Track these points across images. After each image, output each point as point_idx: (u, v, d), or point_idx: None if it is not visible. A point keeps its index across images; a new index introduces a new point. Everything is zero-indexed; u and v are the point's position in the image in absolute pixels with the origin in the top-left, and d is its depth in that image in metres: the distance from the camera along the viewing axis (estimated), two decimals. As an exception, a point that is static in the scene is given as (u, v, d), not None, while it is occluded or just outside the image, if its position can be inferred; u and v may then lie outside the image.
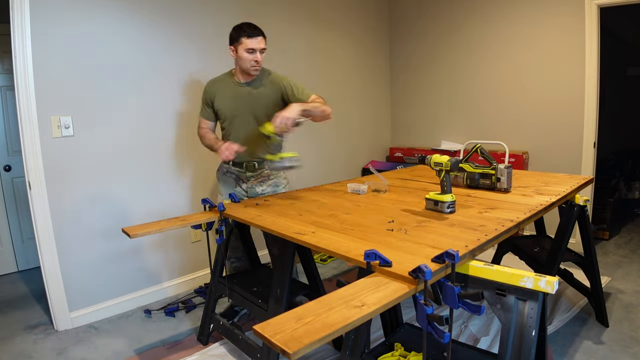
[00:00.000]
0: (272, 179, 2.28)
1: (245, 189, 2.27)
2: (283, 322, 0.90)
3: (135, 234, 1.66)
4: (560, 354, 1.98)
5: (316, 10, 3.58)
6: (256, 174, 2.25)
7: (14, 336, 2.33)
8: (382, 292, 1.02)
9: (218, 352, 2.12)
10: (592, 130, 3.18)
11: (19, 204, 3.36)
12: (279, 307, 1.68)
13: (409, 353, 1.52)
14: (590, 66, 3.11)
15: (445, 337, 1.02)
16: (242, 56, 2.09)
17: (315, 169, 3.65)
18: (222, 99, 2.21)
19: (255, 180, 2.26)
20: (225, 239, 2.04)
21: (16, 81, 2.15)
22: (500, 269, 1.17)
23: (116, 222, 2.52)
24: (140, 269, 2.69)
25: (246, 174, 2.25)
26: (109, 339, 2.28)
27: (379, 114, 4.35)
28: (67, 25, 2.28)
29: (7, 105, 3.30)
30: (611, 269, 2.97)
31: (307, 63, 3.56)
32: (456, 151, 3.78)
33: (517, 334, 1.17)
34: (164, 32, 2.65)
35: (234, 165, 2.26)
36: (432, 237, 1.36)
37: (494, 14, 3.58)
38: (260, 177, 2.27)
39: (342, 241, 1.37)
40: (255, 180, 2.26)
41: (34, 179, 2.23)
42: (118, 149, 2.53)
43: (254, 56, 2.08)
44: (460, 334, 2.17)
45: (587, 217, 2.19)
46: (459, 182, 2.15)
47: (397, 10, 4.27)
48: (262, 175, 2.27)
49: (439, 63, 4.01)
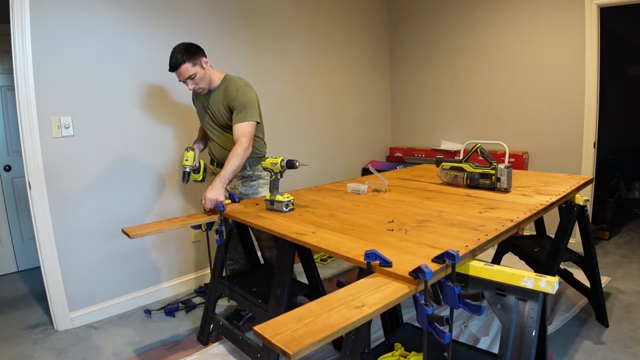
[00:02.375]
0: (254, 180, 2.29)
1: (228, 189, 2.25)
2: (283, 322, 0.90)
3: (136, 235, 1.66)
4: (560, 354, 1.98)
5: (316, 11, 3.58)
6: (239, 174, 2.25)
7: (14, 336, 2.32)
8: (383, 292, 1.02)
9: (218, 352, 2.12)
10: (592, 130, 3.18)
11: (19, 204, 3.36)
12: (279, 308, 1.68)
13: (409, 353, 1.52)
14: (590, 66, 3.11)
15: (445, 337, 1.02)
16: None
17: (315, 169, 3.65)
18: (197, 105, 2.35)
19: (238, 181, 2.27)
20: (225, 239, 2.04)
21: (16, 81, 2.15)
22: (500, 269, 1.17)
23: (116, 222, 2.52)
24: (140, 269, 2.69)
25: None
26: (109, 339, 2.28)
27: (379, 114, 4.35)
28: (67, 25, 2.28)
29: (7, 105, 3.29)
30: (611, 269, 2.97)
31: (307, 64, 3.56)
32: (456, 151, 3.78)
33: (517, 334, 1.17)
34: (164, 31, 2.65)
35: (218, 166, 2.30)
36: (432, 237, 1.36)
37: (493, 14, 3.58)
38: (243, 177, 2.27)
39: (342, 241, 1.37)
40: (237, 180, 2.27)
41: (34, 179, 2.23)
42: (118, 149, 2.53)
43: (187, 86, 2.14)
44: (460, 334, 2.17)
45: (587, 217, 2.19)
46: (459, 182, 2.15)
47: (397, 10, 4.27)
48: (244, 175, 2.27)
49: (439, 63, 4.01)
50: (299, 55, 3.48)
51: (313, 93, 3.64)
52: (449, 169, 2.21)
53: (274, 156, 1.85)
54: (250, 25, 3.12)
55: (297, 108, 3.51)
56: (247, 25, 3.10)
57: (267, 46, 3.24)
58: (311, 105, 3.63)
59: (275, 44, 3.31)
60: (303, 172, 3.57)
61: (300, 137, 3.57)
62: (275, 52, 3.31)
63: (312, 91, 3.63)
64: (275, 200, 1.80)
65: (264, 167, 1.87)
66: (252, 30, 3.14)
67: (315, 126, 3.70)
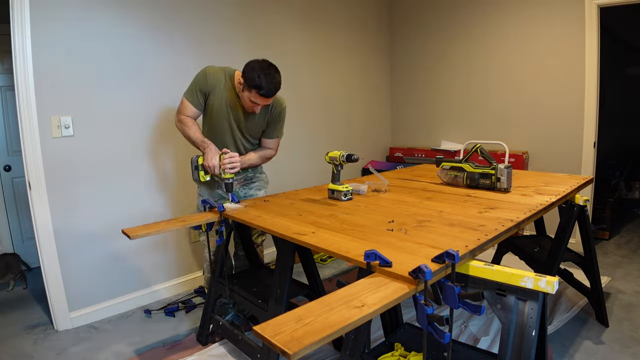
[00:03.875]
0: (255, 182, 2.29)
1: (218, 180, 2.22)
2: (283, 322, 0.90)
3: (135, 235, 1.66)
4: (560, 354, 1.98)
5: (316, 11, 3.58)
6: (239, 177, 2.24)
7: (14, 336, 2.32)
8: (383, 292, 1.02)
9: (218, 352, 2.12)
10: (592, 130, 3.18)
11: (19, 204, 3.36)
12: (279, 307, 1.68)
13: (409, 353, 1.52)
14: (590, 66, 3.11)
15: (445, 337, 1.02)
16: (245, 100, 2.02)
17: (315, 169, 3.65)
18: (217, 99, 2.10)
19: (238, 184, 2.27)
20: (225, 239, 2.04)
21: (16, 81, 2.15)
22: (500, 269, 1.17)
23: (116, 223, 2.51)
24: (140, 269, 2.69)
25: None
26: (109, 339, 2.28)
27: (379, 114, 4.35)
28: (67, 25, 2.28)
29: (7, 105, 3.29)
30: (611, 269, 2.97)
31: (308, 64, 3.56)
32: (456, 151, 3.78)
33: (517, 334, 1.17)
34: (164, 32, 2.65)
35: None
36: (432, 237, 1.36)
37: (493, 14, 3.58)
38: (243, 180, 2.27)
39: (342, 241, 1.37)
40: (237, 183, 2.27)
41: (34, 179, 2.23)
42: (118, 149, 2.53)
43: (254, 106, 2.03)
44: (460, 334, 2.17)
45: (587, 217, 2.19)
46: (459, 182, 2.15)
47: (397, 10, 4.27)
48: (245, 178, 2.27)
49: (439, 63, 4.01)
50: (299, 56, 3.48)
51: (312, 93, 3.64)
52: (449, 169, 2.21)
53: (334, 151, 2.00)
54: (246, 24, 3.12)
55: (296, 108, 3.51)
56: (243, 23, 3.10)
57: (266, 45, 3.24)
58: (311, 106, 3.63)
59: (276, 46, 3.31)
60: (304, 172, 3.58)
61: (300, 138, 3.57)
62: (274, 51, 3.31)
63: (311, 91, 3.63)
64: (335, 190, 1.97)
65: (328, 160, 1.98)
66: (249, 29, 3.14)
67: (315, 126, 3.70)
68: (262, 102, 2.00)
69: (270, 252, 3.35)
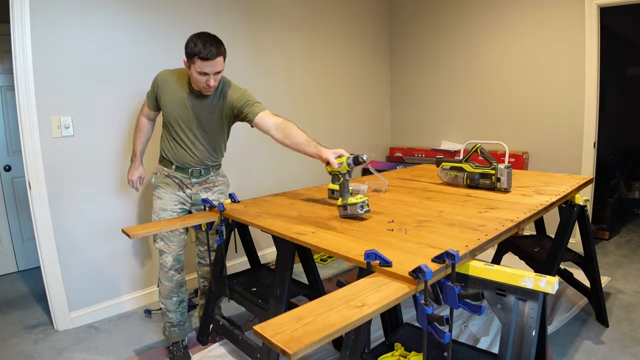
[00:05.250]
0: (217, 185, 2.20)
1: (189, 195, 2.15)
2: (283, 322, 0.90)
3: (136, 235, 1.66)
4: (560, 354, 1.98)
5: (316, 11, 3.58)
6: (201, 180, 2.15)
7: (14, 336, 2.32)
8: (383, 292, 1.02)
9: (218, 352, 2.12)
10: (592, 130, 3.18)
11: (19, 204, 3.36)
12: (279, 307, 1.68)
13: (409, 353, 1.52)
14: (590, 66, 3.11)
15: (445, 337, 1.02)
16: (194, 76, 1.85)
17: (315, 169, 3.65)
18: (169, 102, 2.01)
19: (200, 187, 2.15)
20: (225, 239, 2.03)
21: (16, 81, 2.15)
22: (500, 269, 1.17)
23: (116, 222, 2.52)
24: (140, 269, 2.69)
25: (191, 180, 2.13)
26: (109, 339, 2.28)
27: (379, 114, 4.35)
28: (67, 25, 2.28)
29: (7, 105, 3.29)
30: (611, 269, 2.97)
31: (308, 65, 3.56)
32: (456, 151, 3.78)
33: (517, 334, 1.17)
34: (164, 32, 2.65)
35: (177, 170, 2.11)
36: (432, 237, 1.36)
37: (493, 15, 3.58)
38: (206, 183, 2.16)
39: (342, 241, 1.37)
40: (200, 186, 2.15)
41: (34, 179, 2.23)
42: (118, 149, 2.53)
43: (206, 79, 1.84)
44: (460, 334, 2.17)
45: (587, 217, 2.19)
46: (459, 182, 2.15)
47: (397, 10, 4.27)
48: (207, 182, 2.17)
49: (439, 63, 4.01)
50: (298, 56, 3.48)
51: (312, 94, 3.64)
52: (449, 169, 2.21)
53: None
54: (248, 26, 3.12)
55: (296, 109, 3.51)
56: (245, 25, 3.10)
57: (266, 47, 3.24)
58: (310, 106, 3.63)
59: (276, 46, 3.31)
60: (304, 172, 3.57)
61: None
62: (275, 53, 3.31)
63: (311, 92, 3.63)
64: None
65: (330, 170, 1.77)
66: (251, 31, 3.14)
67: (315, 127, 3.69)
68: (209, 68, 1.81)
69: (270, 252, 3.35)
